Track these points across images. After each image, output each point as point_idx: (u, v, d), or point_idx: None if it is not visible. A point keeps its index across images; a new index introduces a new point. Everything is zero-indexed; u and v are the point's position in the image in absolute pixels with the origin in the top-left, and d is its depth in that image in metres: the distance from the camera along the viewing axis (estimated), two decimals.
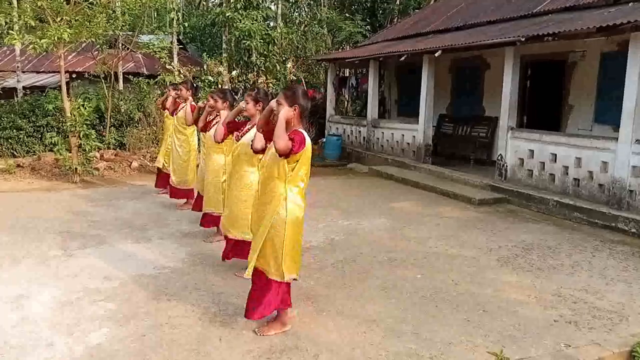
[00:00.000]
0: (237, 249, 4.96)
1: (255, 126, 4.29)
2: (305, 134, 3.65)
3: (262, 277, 3.76)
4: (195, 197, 7.02)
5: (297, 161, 3.61)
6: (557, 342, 3.85)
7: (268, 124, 3.81)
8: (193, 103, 7.57)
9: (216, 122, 5.73)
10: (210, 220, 6.06)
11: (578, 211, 7.42)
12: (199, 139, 7.66)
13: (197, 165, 7.52)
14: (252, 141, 4.22)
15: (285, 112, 3.60)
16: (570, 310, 4.41)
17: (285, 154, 3.53)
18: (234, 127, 5.04)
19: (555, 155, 8.22)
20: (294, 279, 3.84)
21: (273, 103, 3.72)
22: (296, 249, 3.78)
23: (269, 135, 3.78)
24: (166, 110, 8.28)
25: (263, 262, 3.73)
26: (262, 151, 4.05)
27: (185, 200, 7.75)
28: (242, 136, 4.92)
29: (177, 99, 7.90)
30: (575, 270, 5.41)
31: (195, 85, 8.67)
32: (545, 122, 9.96)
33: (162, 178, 8.52)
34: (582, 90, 9.71)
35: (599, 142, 7.65)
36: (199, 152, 7.49)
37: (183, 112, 7.57)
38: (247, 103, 4.69)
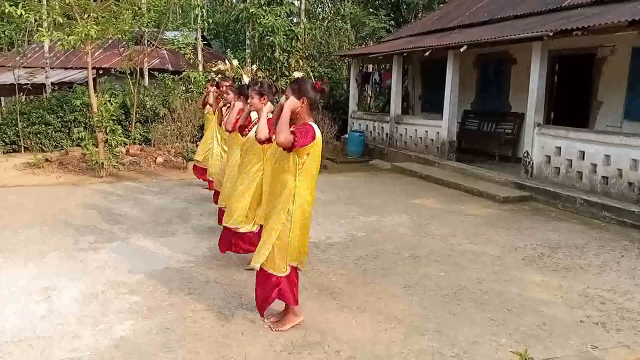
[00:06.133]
0: (228, 240, 4.97)
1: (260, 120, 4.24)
2: (316, 127, 3.59)
3: (263, 272, 3.74)
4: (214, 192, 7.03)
5: (307, 154, 3.56)
6: (583, 343, 3.77)
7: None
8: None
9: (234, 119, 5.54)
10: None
11: (606, 210, 7.25)
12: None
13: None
14: (255, 132, 4.21)
15: (291, 102, 3.54)
16: (598, 311, 4.31)
17: (288, 148, 3.49)
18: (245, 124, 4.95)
19: (583, 152, 8.04)
20: (298, 269, 3.81)
21: (283, 100, 3.66)
22: (302, 243, 3.73)
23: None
24: (206, 108, 8.30)
25: (269, 258, 3.70)
26: (268, 141, 4.04)
27: None
28: (249, 130, 4.90)
29: (219, 96, 7.87)
30: (603, 270, 5.29)
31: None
32: (573, 118, 9.74)
33: (198, 170, 8.42)
34: (611, 86, 9.47)
35: (629, 139, 7.46)
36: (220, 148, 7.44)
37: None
38: (252, 98, 4.60)
